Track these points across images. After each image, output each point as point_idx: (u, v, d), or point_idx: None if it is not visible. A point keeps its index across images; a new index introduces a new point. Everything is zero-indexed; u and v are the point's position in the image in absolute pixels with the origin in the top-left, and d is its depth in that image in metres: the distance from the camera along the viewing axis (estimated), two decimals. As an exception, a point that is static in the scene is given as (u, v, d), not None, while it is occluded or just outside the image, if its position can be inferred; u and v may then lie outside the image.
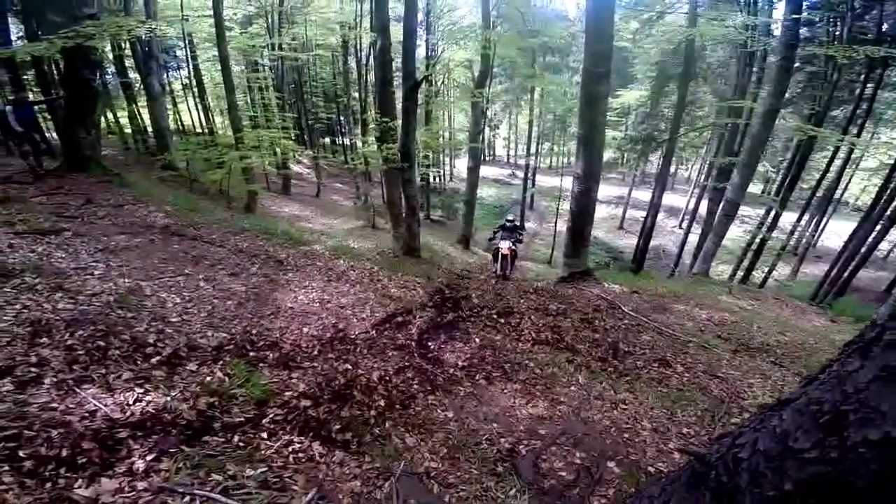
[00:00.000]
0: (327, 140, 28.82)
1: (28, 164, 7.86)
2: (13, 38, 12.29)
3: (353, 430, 2.30)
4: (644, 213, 15.33)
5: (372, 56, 16.45)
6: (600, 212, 22.21)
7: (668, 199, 21.24)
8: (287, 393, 2.54)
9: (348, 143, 24.58)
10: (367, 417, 2.43)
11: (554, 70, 24.33)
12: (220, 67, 11.84)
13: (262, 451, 2.05)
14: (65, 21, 8.12)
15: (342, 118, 25.72)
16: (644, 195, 22.82)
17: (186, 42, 18.01)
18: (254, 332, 3.29)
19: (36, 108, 9.08)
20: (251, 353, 2.94)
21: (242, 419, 2.24)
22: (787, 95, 11.10)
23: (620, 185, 29.53)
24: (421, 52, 18.21)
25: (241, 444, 2.07)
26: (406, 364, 3.15)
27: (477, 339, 3.77)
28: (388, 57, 8.13)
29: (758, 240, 12.86)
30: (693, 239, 15.37)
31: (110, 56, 15.87)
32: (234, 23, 17.94)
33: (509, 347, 3.72)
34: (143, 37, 9.12)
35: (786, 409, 1.18)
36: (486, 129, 29.32)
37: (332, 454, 2.13)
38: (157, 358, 2.58)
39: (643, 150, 18.17)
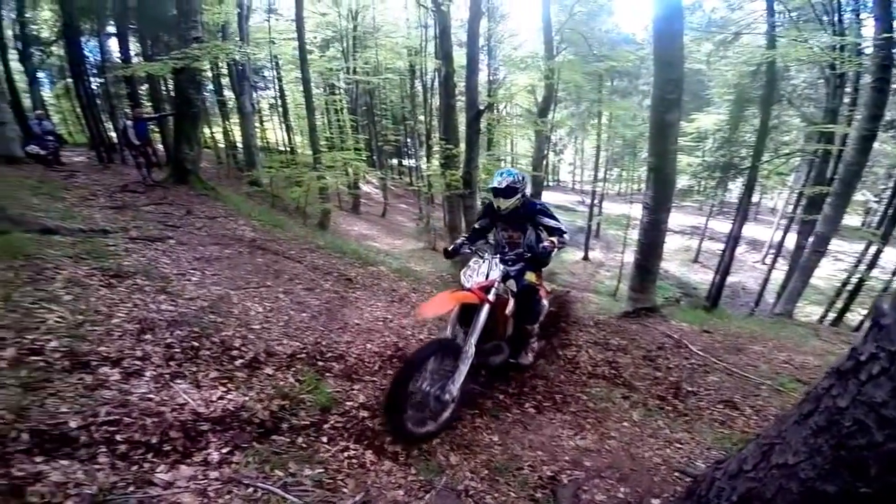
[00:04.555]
0: (395, 161, 30.06)
1: (141, 174, 9.04)
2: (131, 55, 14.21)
3: (402, 443, 2.46)
4: (722, 246, 14.35)
5: (437, 81, 17.13)
6: (672, 243, 21.06)
7: (750, 230, 19.74)
8: (348, 403, 2.75)
9: (414, 166, 25.47)
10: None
11: (623, 94, 23.82)
12: (302, 89, 12.93)
13: (321, 454, 2.25)
14: (176, 43, 9.15)
15: (409, 140, 26.77)
16: (722, 226, 21.37)
17: (274, 64, 19.71)
18: (323, 343, 3.54)
19: (149, 123, 10.21)
20: (320, 363, 3.19)
21: (307, 423, 2.46)
22: (886, 118, 10.03)
23: (696, 215, 27.84)
24: (483, 75, 18.60)
25: (303, 445, 2.28)
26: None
27: (530, 369, 3.78)
28: (452, 84, 8.51)
29: (854, 278, 11.54)
30: (777, 276, 14.10)
31: (209, 75, 17.61)
32: (313, 46, 19.40)
33: (562, 379, 3.70)
34: (238, 59, 10.22)
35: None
36: (551, 155, 29.08)
37: (382, 463, 2.29)
38: (240, 361, 2.88)
39: (722, 178, 17.09)
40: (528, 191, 3.46)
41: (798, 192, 17.26)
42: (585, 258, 23.36)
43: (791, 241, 13.85)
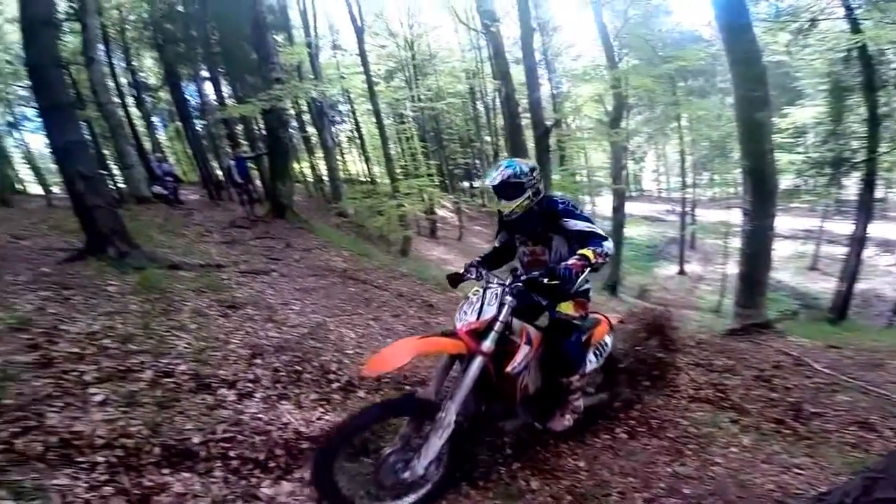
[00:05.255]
0: (466, 184, 30.50)
1: (245, 210, 10.08)
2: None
3: (483, 467, 2.41)
4: (844, 250, 12.56)
5: (498, 100, 17.22)
6: (784, 249, 18.86)
7: (879, 230, 17.00)
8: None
9: (485, 187, 25.54)
10: (498, 458, 2.51)
11: (700, 94, 22.16)
12: (374, 120, 13.71)
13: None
14: (260, 84, 10.06)
15: (477, 162, 27.08)
16: (842, 227, 18.69)
17: (346, 98, 21.09)
18: (407, 368, 3.66)
19: (248, 162, 11.21)
20: (406, 387, 3.29)
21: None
22: None
23: (808, 217, 24.69)
24: (545, 90, 18.36)
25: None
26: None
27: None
28: (514, 102, 8.54)
29: None
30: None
31: (292, 113, 18.94)
32: (378, 77, 20.46)
33: (660, 403, 3.44)
34: (315, 96, 11.14)
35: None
36: (630, 164, 27.68)
37: (461, 488, 2.27)
38: (337, 384, 3.07)
39: (833, 175, 15.10)
40: (542, 186, 2.47)
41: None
42: (681, 272, 21.70)
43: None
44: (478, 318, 2.11)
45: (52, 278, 3.91)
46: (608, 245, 2.24)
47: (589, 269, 2.14)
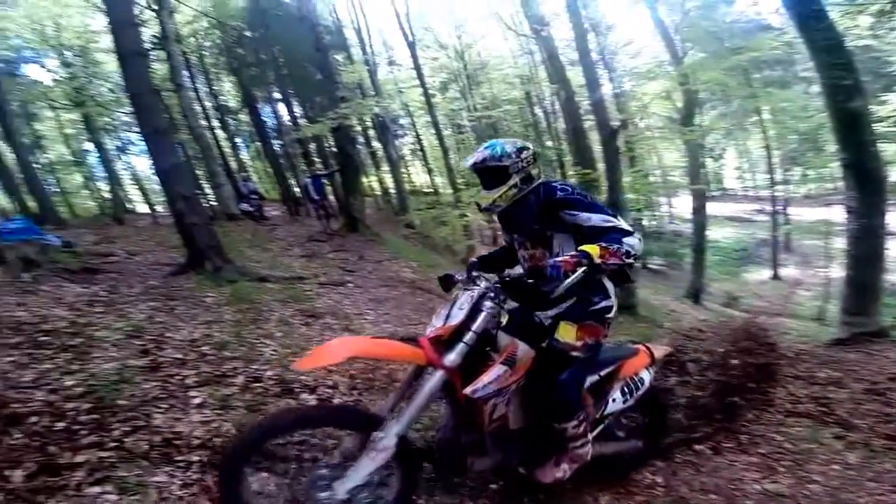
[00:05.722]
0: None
1: (322, 225, 10.72)
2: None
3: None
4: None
5: (556, 104, 16.74)
6: (897, 249, 16.55)
7: None
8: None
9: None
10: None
11: (780, 84, 20.09)
12: (433, 131, 13.95)
13: (491, 487, 2.27)
14: (327, 103, 10.59)
15: (538, 168, 26.51)
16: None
17: (407, 112, 21.67)
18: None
19: (322, 179, 11.71)
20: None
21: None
22: None
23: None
24: (606, 89, 17.58)
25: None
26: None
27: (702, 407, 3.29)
28: (574, 105, 8.23)
29: None
30: None
31: (359, 129, 19.59)
32: (434, 89, 20.78)
33: (750, 418, 3.17)
34: (378, 112, 11.56)
35: None
36: (709, 161, 25.73)
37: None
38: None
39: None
40: (536, 170, 1.95)
41: None
42: (775, 276, 19.75)
43: None
44: (444, 323, 1.76)
45: (159, 290, 4.41)
46: (631, 242, 1.70)
47: (587, 269, 1.60)
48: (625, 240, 1.69)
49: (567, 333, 1.81)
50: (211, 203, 15.08)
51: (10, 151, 13.62)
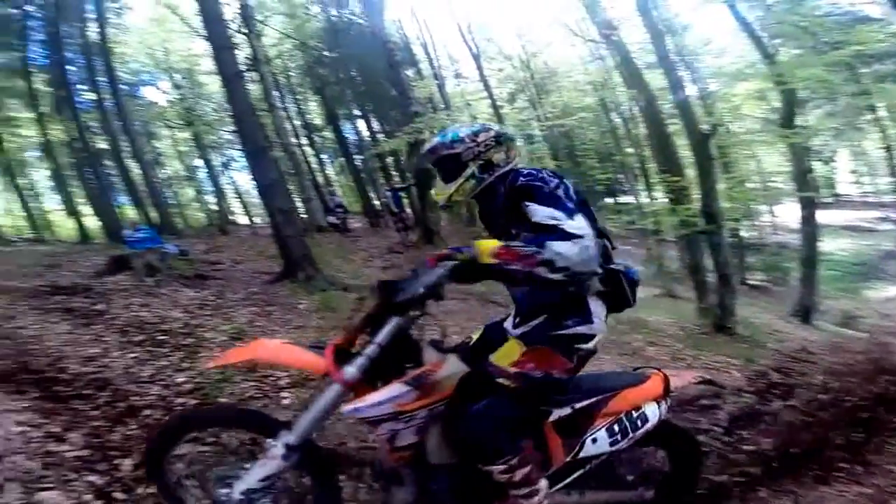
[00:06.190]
0: (608, 200, 28.68)
1: (400, 237, 11.16)
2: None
3: None
4: None
5: (634, 109, 15.86)
6: None
7: None
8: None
9: (634, 203, 23.88)
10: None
11: (893, 79, 17.33)
12: None
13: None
14: (401, 118, 11.02)
15: (619, 176, 25.36)
16: None
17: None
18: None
19: (400, 193, 12.22)
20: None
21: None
22: None
23: None
24: (690, 90, 16.22)
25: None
26: (706, 450, 2.67)
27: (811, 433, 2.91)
28: (656, 110, 7.67)
29: None
30: None
31: None
32: (501, 101, 20.74)
33: (869, 448, 2.73)
34: (450, 125, 11.72)
35: None
36: (818, 165, 22.86)
37: None
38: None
39: None
40: (502, 155, 1.62)
41: None
42: (904, 291, 17.02)
43: None
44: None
45: (259, 296, 4.89)
46: (561, 249, 1.23)
47: (461, 270, 1.37)
48: (553, 244, 1.24)
49: (506, 356, 1.46)
50: (301, 216, 16.34)
51: (137, 168, 15.80)
